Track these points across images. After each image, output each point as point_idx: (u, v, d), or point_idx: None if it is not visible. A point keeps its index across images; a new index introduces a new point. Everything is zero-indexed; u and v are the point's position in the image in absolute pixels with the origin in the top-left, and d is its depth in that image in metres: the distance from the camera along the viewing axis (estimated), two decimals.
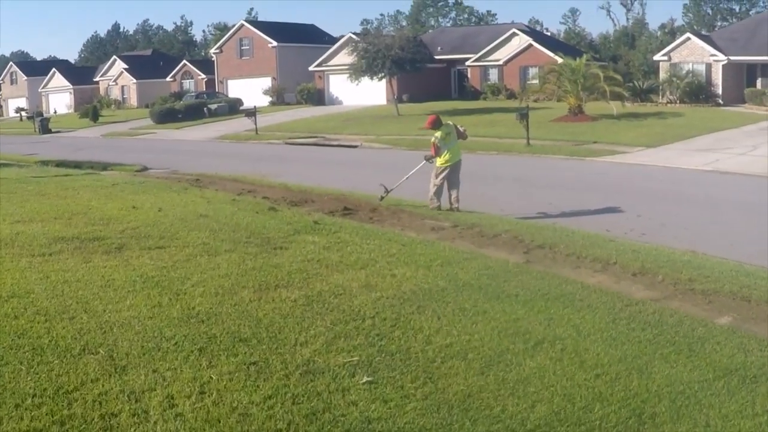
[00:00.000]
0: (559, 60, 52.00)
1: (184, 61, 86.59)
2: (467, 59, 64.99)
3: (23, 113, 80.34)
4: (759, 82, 50.47)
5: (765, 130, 35.56)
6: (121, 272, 9.79)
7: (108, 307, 8.17)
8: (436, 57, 64.93)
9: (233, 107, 62.93)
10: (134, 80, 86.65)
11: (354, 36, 59.87)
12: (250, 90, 69.34)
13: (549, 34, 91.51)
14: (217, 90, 74.09)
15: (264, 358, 6.68)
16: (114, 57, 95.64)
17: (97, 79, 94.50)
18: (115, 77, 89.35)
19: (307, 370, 6.44)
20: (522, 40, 62.14)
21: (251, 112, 46.79)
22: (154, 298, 8.55)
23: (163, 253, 11.07)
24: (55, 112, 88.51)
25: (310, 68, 67.17)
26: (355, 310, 8.28)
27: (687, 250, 12.93)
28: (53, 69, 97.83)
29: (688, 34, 54.33)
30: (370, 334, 7.43)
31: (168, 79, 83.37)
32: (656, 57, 55.68)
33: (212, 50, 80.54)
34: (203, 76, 79.96)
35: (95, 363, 6.52)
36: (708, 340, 7.70)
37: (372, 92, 59.28)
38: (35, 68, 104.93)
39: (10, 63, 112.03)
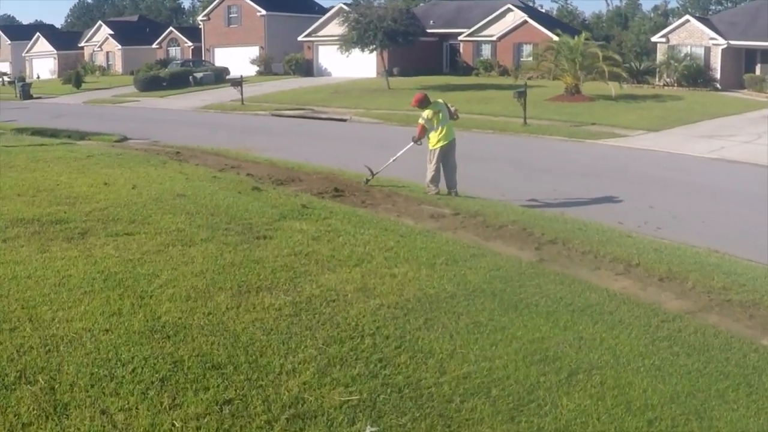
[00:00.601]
0: (556, 38, 50.84)
1: (171, 28, 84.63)
2: (460, 34, 63.47)
3: (5, 78, 78.39)
4: (758, 68, 49.34)
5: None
6: (80, 266, 8.50)
7: (58, 314, 6.89)
8: (428, 30, 63.40)
9: (219, 76, 61.31)
10: (119, 46, 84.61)
11: (345, 6, 58.16)
12: (238, 59, 67.73)
13: (544, 11, 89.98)
14: (203, 58, 72.45)
15: (241, 395, 5.40)
16: (99, 22, 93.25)
17: (82, 44, 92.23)
18: (100, 43, 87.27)
19: (296, 413, 5.17)
20: (517, 16, 60.72)
21: (237, 82, 45.47)
22: (114, 302, 7.28)
23: (131, 241, 9.79)
24: (38, 77, 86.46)
25: (299, 38, 65.60)
26: (352, 323, 7.03)
27: (711, 250, 11.82)
28: (37, 33, 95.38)
29: (687, 17, 52.97)
30: (371, 360, 6.17)
31: (154, 46, 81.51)
32: (654, 38, 54.39)
33: (200, 17, 78.67)
34: (190, 43, 78.19)
35: (31, 398, 5.24)
36: (765, 371, 6.52)
37: (362, 65, 57.88)
38: (19, 32, 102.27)
39: None
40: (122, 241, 9.74)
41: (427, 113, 15.81)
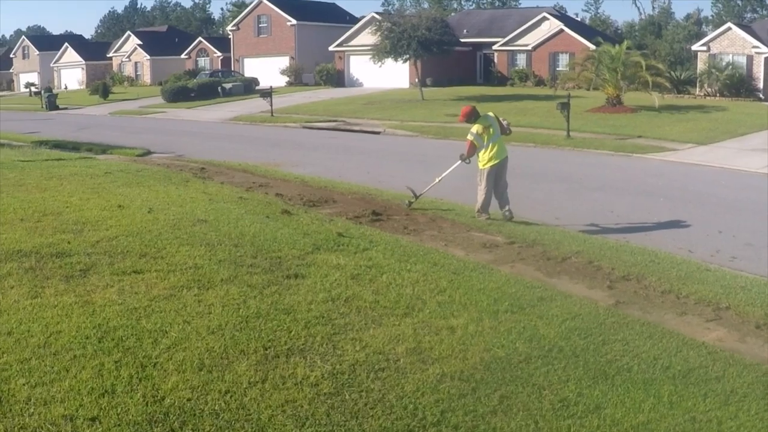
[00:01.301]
0: (593, 47, 49.37)
1: (200, 38, 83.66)
2: (494, 43, 62.01)
3: (31, 88, 77.63)
4: None
5: None
6: (74, 318, 7.07)
7: (35, 392, 5.45)
8: (462, 40, 61.85)
9: (249, 87, 60.12)
10: (148, 57, 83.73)
11: (377, 15, 56.88)
12: (267, 69, 66.52)
13: (579, 19, 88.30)
14: (232, 69, 71.29)
15: None
16: (128, 33, 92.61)
17: (110, 54, 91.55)
18: (129, 53, 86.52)
19: None
20: (552, 25, 59.10)
21: (267, 93, 44.17)
22: (108, 373, 5.83)
23: (140, 281, 8.35)
24: (66, 87, 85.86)
25: (330, 48, 64.26)
26: (409, 405, 5.53)
27: None
28: (65, 44, 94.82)
29: (729, 24, 51.16)
30: None
31: (183, 56, 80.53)
32: (694, 47, 52.71)
33: (229, 27, 77.60)
34: (219, 54, 77.12)
35: None
36: None
37: (394, 75, 56.56)
38: (48, 43, 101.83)
39: (23, 37, 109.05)
40: (129, 282, 8.30)
41: (476, 128, 14.19)
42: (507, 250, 11.48)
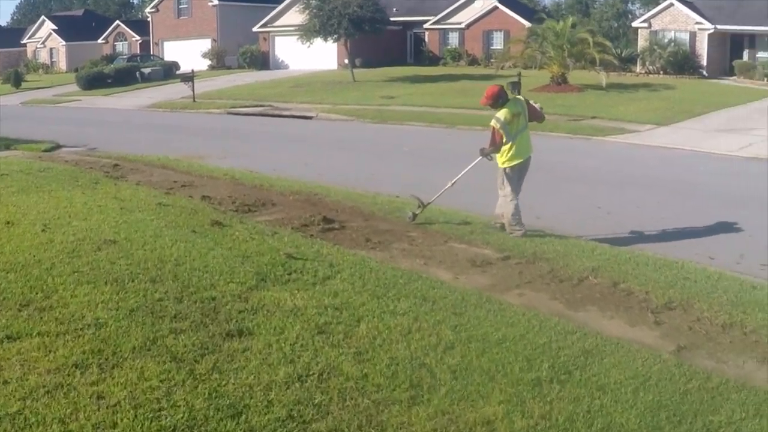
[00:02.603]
0: (528, 24, 47.45)
1: (118, 22, 79.81)
2: (425, 22, 59.73)
3: None
4: (746, 54, 46.34)
5: None
6: None
7: None
8: (392, 19, 59.29)
9: (169, 71, 57.20)
10: (64, 42, 79.49)
11: None
12: (188, 53, 63.24)
13: None
14: (151, 53, 67.82)
15: None
16: (42, 17, 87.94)
17: (24, 41, 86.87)
18: (44, 39, 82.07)
19: None
20: (486, 2, 56.84)
21: (188, 77, 41.75)
22: None
23: (13, 357, 5.63)
24: None
25: (254, 29, 61.16)
26: None
27: None
28: None
29: (671, 0, 49.37)
30: None
31: (100, 41, 76.68)
32: (635, 24, 51.26)
33: (147, 9, 73.91)
34: (138, 37, 73.45)
35: None
36: None
37: (322, 56, 54.13)
38: None
39: None
40: None
41: (504, 114, 10.99)
42: (504, 270, 9.04)
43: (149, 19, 71.13)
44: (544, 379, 5.60)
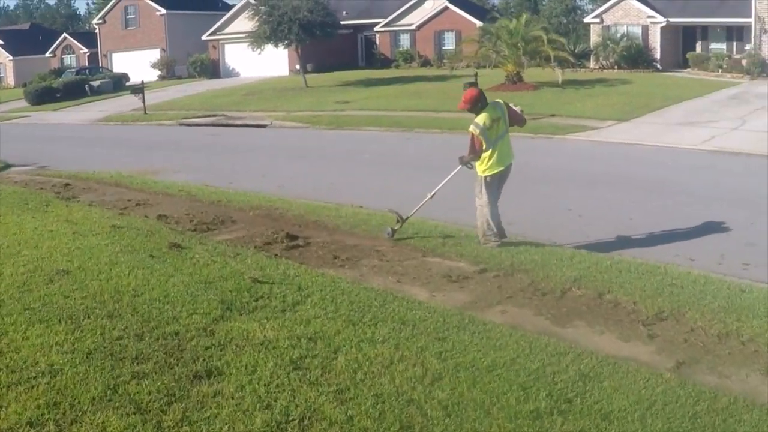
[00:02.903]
0: (479, 23, 47.20)
1: (65, 35, 78.78)
2: (375, 24, 59.38)
3: None
4: (699, 46, 46.45)
5: (735, 99, 31.75)
6: None
7: None
8: (342, 23, 58.79)
9: (119, 83, 56.23)
10: (10, 57, 77.97)
11: (252, 0, 53.37)
12: (138, 64, 62.34)
13: None
14: (100, 65, 66.70)
15: None
16: None
17: None
18: None
19: None
20: (437, 3, 56.57)
21: (138, 89, 40.87)
22: None
23: None
24: None
25: (204, 37, 60.45)
26: None
27: None
28: None
29: None
30: None
31: (48, 54, 75.50)
32: (587, 19, 51.20)
33: (94, 21, 72.82)
34: (86, 50, 72.39)
35: None
36: None
37: (273, 62, 53.75)
38: None
39: None
40: None
41: (483, 119, 10.36)
42: (482, 284, 8.58)
43: (97, 30, 69.99)
44: (543, 410, 5.13)
